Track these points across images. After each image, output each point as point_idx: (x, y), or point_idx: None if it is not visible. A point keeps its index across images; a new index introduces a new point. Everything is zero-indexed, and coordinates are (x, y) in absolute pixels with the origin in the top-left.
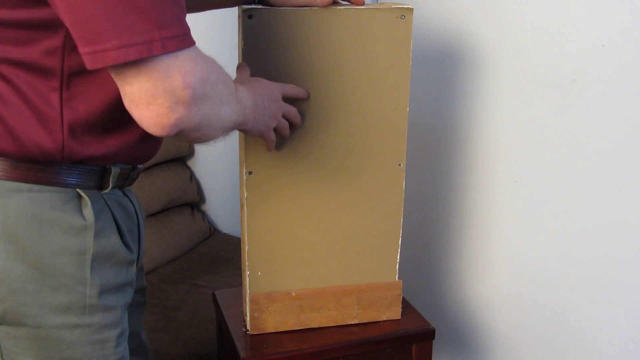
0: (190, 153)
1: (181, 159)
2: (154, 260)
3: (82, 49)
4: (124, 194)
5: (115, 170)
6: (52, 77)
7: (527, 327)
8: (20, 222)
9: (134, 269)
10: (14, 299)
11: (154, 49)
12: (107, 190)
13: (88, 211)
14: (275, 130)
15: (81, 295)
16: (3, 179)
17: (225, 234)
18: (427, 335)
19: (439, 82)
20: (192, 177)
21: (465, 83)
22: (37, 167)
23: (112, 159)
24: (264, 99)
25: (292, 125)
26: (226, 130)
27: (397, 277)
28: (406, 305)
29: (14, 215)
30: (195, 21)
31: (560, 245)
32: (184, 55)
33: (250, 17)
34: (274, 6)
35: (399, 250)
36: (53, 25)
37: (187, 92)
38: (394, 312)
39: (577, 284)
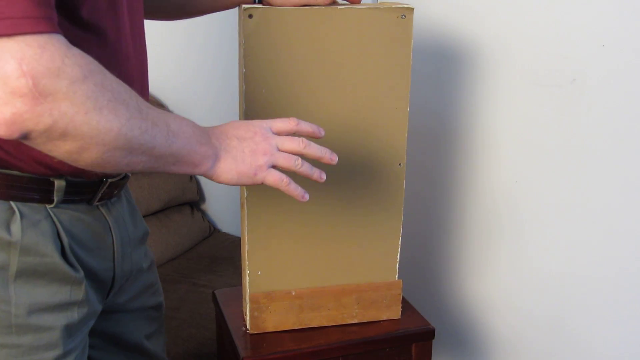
0: None
1: None
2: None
3: None
4: (97, 208)
5: (59, 183)
6: None
7: (526, 328)
8: None
9: (81, 288)
10: None
11: None
12: (52, 205)
13: (16, 226)
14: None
15: (5, 313)
16: None
17: (225, 233)
18: (426, 335)
19: (440, 82)
20: (191, 176)
21: (466, 83)
22: None
23: (50, 169)
24: (242, 129)
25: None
26: (129, 153)
27: (397, 276)
28: (406, 305)
29: None
30: (197, 20)
31: (561, 246)
32: (25, 39)
33: (250, 16)
34: (275, 5)
35: (399, 250)
36: None
37: (23, 81)
38: (394, 312)
39: (578, 286)
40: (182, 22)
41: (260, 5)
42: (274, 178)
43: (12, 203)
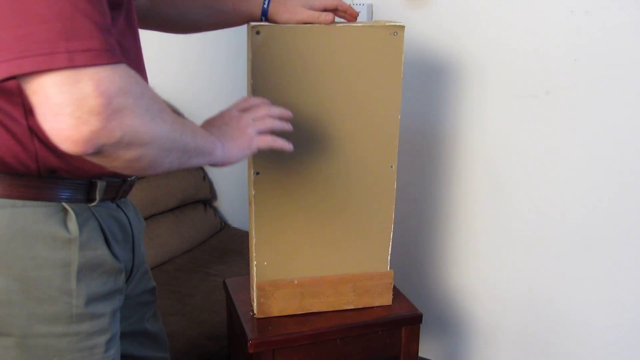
0: None
1: None
2: (170, 251)
3: None
4: (118, 206)
5: (101, 184)
6: (13, 95)
7: (504, 312)
8: (3, 237)
9: (122, 277)
10: (1, 311)
11: (57, 61)
12: (94, 204)
13: (72, 224)
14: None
15: (67, 305)
16: None
17: (234, 228)
18: (415, 320)
19: (428, 92)
20: (204, 176)
21: (451, 93)
22: (20, 183)
23: (94, 172)
24: (221, 119)
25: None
26: (171, 152)
27: (388, 267)
28: (396, 293)
29: None
30: (209, 36)
31: (535, 239)
32: (99, 67)
33: (258, 32)
34: (280, 23)
35: (390, 243)
36: None
37: (100, 100)
38: (386, 299)
39: (549, 274)
40: (196, 39)
41: (266, 23)
42: (264, 140)
43: (64, 204)
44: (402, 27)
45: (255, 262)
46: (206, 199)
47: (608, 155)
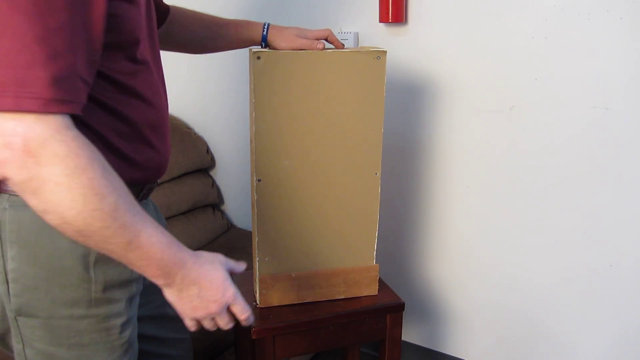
0: (212, 165)
1: (204, 170)
2: None
3: None
4: (142, 204)
5: (148, 187)
6: None
7: (476, 298)
8: (32, 230)
9: None
10: (28, 295)
11: (4, 103)
12: None
13: None
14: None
15: (87, 291)
16: (17, 195)
17: (239, 229)
18: (398, 308)
19: (407, 109)
20: (213, 183)
21: (428, 109)
22: None
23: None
24: (204, 284)
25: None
26: (81, 233)
27: (374, 261)
28: (382, 284)
29: (27, 225)
30: (215, 60)
31: (501, 235)
32: (41, 117)
33: (259, 58)
34: (278, 49)
35: (376, 240)
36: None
37: (15, 139)
38: (372, 290)
39: (515, 265)
40: (204, 60)
41: (266, 50)
42: (190, 326)
43: None
44: (385, 52)
45: (257, 258)
46: (214, 203)
47: (567, 160)
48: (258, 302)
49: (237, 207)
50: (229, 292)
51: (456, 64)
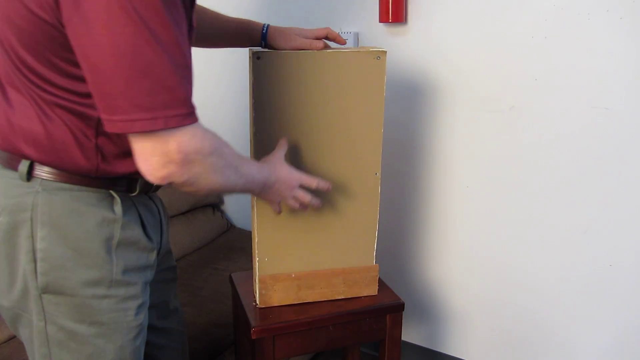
0: None
1: None
2: (183, 249)
3: (101, 114)
4: (150, 197)
5: (141, 180)
6: (91, 120)
7: (476, 298)
8: (62, 213)
9: (154, 255)
10: (55, 274)
11: (157, 124)
12: (135, 194)
13: (118, 208)
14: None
15: (109, 272)
16: (51, 180)
17: (239, 229)
18: (398, 308)
19: (407, 109)
20: None
21: (427, 109)
22: (79, 176)
23: (137, 174)
24: (280, 182)
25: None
26: (221, 192)
27: (374, 261)
28: (381, 284)
29: (58, 208)
30: (216, 61)
31: (501, 235)
32: (184, 129)
33: (258, 57)
34: (277, 49)
35: (376, 240)
36: None
37: (179, 156)
38: (372, 290)
39: (515, 265)
40: (204, 60)
41: (266, 49)
42: (276, 209)
43: (112, 192)
44: (384, 52)
45: (257, 258)
46: (214, 203)
47: (566, 160)
48: (258, 302)
49: (237, 207)
50: (295, 176)
51: (456, 64)
